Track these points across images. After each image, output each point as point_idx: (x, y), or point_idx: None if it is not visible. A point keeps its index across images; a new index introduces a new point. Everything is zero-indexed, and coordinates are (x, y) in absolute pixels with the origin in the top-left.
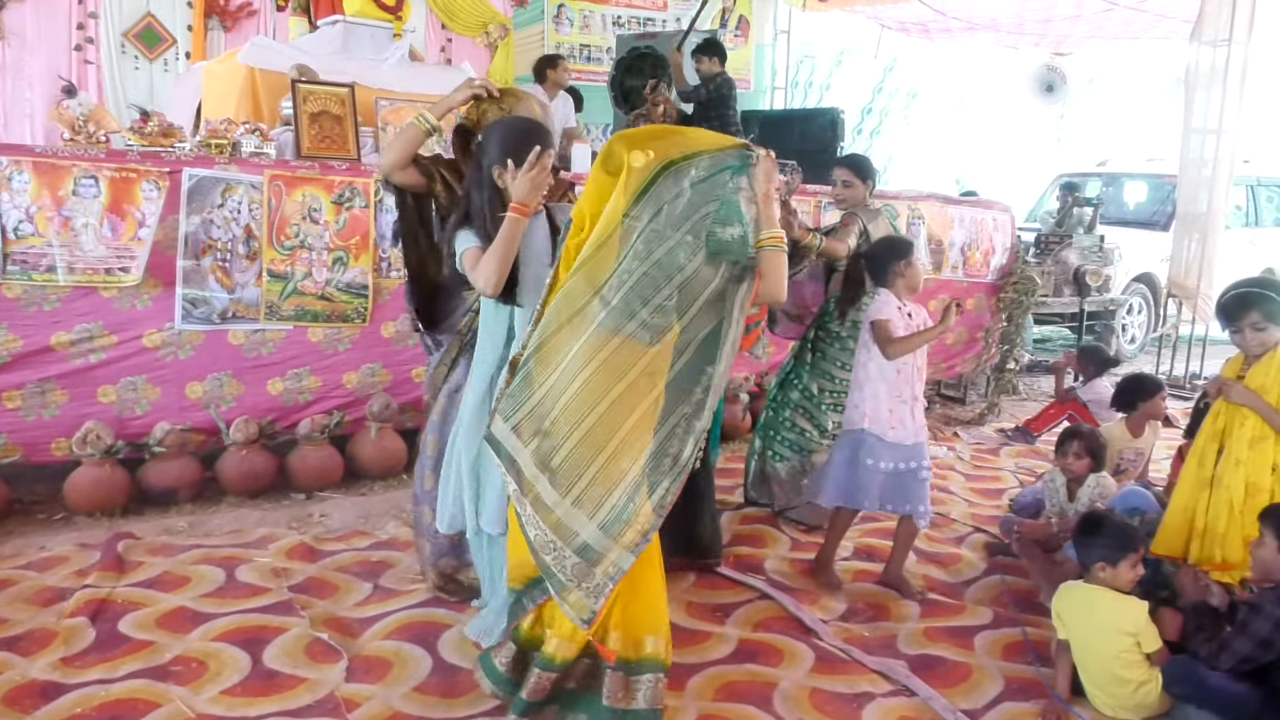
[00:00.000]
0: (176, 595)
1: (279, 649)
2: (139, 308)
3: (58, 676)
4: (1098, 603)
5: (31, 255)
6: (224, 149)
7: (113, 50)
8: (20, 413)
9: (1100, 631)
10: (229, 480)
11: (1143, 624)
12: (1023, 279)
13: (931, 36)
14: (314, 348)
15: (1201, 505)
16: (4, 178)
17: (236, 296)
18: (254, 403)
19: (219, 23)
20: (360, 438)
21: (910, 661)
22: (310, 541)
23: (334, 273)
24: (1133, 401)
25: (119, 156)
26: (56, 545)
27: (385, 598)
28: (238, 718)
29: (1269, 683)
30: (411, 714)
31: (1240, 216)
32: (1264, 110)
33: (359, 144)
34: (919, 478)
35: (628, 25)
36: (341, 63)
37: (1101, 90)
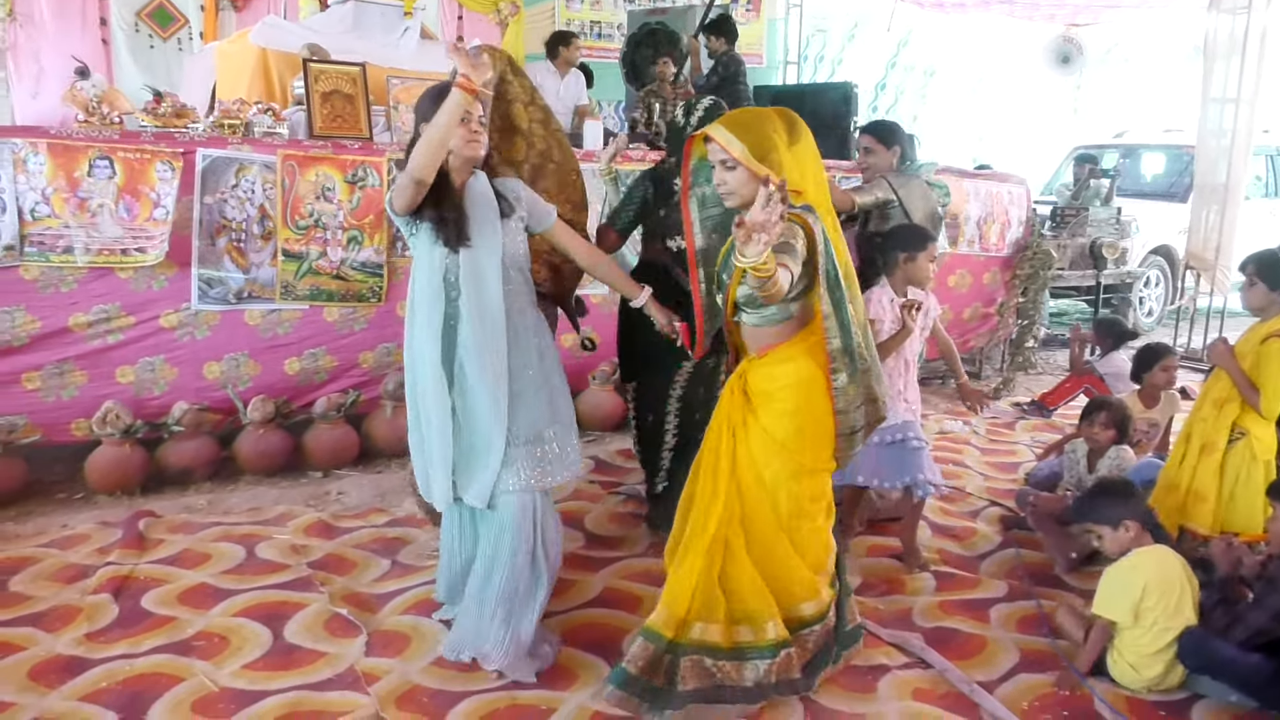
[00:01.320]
0: (197, 572)
1: (299, 624)
2: (156, 288)
3: (82, 652)
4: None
5: (49, 237)
6: (237, 129)
7: (124, 29)
8: (40, 393)
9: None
10: (246, 459)
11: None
12: (1039, 253)
13: (945, 9)
14: (329, 327)
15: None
16: (20, 160)
17: (252, 276)
18: (270, 382)
19: (230, 2)
20: (375, 416)
21: (925, 634)
22: (328, 519)
23: (348, 252)
24: (1138, 373)
25: (133, 138)
26: (78, 523)
27: (403, 573)
28: (259, 691)
29: None
30: (430, 687)
31: (1260, 187)
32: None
33: (371, 123)
34: (910, 447)
35: (638, 1)
36: (352, 41)
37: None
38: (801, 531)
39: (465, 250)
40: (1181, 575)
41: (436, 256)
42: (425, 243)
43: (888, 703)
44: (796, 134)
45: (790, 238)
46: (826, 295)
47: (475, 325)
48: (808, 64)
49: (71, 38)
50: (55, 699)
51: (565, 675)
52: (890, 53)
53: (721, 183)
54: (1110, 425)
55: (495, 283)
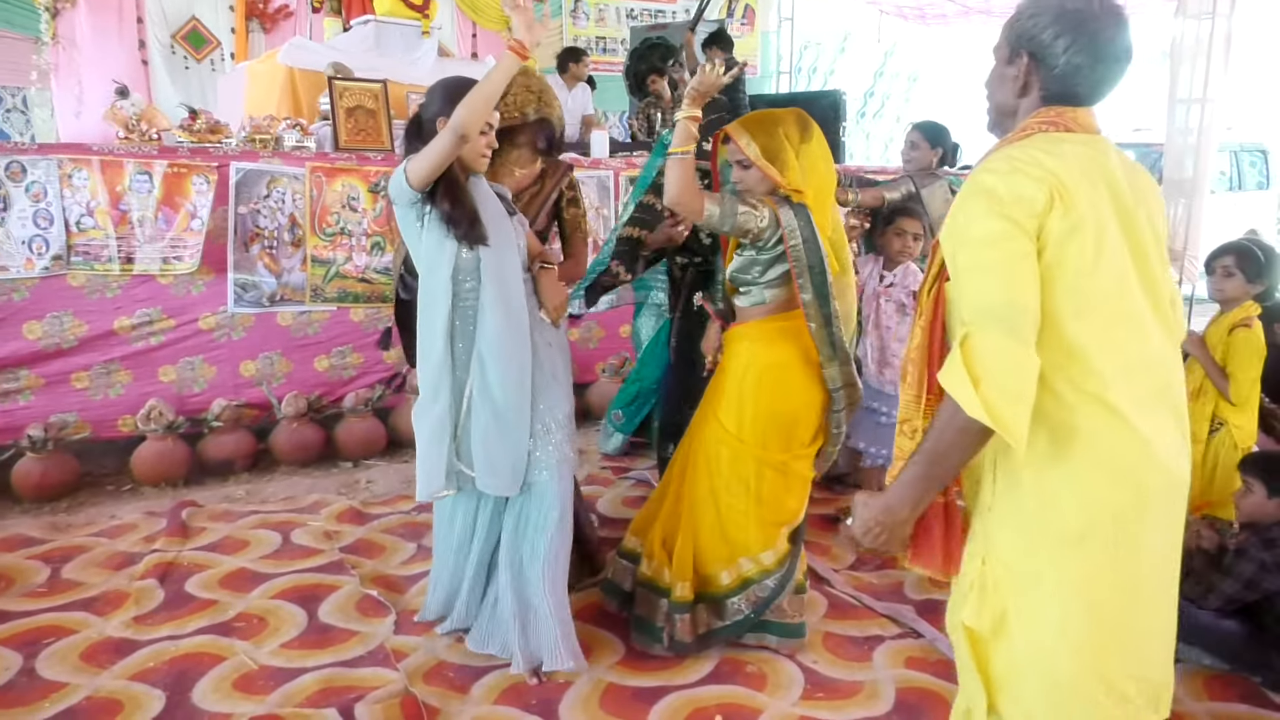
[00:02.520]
0: (237, 557)
1: (332, 605)
2: (194, 293)
3: (130, 634)
4: None
5: (93, 247)
6: (267, 143)
7: (161, 51)
8: (88, 392)
9: None
10: (281, 451)
11: None
12: None
13: (927, 22)
14: (356, 327)
15: None
16: (65, 175)
17: (284, 281)
18: (302, 379)
19: (259, 24)
20: (401, 409)
21: (916, 606)
22: (358, 506)
23: (372, 257)
24: None
25: (170, 153)
26: (125, 514)
27: (428, 556)
28: (296, 669)
29: (1253, 619)
30: (455, 663)
31: (1224, 181)
32: (1246, 79)
33: (393, 136)
34: (876, 422)
35: (640, 18)
36: (374, 60)
37: None
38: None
39: (485, 247)
40: None
41: (448, 251)
42: (435, 237)
43: (882, 670)
44: (807, 135)
45: (750, 206)
46: (808, 284)
47: (499, 318)
48: (801, 75)
49: (111, 59)
50: (106, 678)
51: (582, 650)
52: (879, 62)
53: (739, 180)
54: None
55: (518, 277)
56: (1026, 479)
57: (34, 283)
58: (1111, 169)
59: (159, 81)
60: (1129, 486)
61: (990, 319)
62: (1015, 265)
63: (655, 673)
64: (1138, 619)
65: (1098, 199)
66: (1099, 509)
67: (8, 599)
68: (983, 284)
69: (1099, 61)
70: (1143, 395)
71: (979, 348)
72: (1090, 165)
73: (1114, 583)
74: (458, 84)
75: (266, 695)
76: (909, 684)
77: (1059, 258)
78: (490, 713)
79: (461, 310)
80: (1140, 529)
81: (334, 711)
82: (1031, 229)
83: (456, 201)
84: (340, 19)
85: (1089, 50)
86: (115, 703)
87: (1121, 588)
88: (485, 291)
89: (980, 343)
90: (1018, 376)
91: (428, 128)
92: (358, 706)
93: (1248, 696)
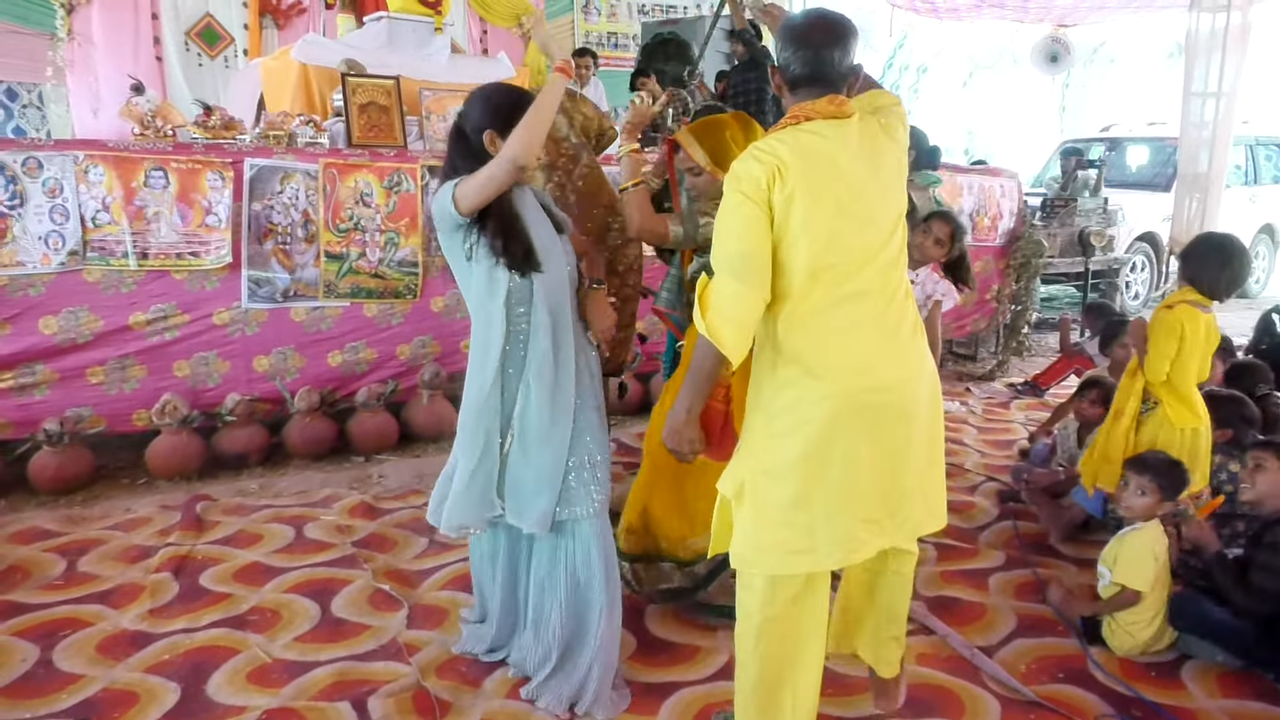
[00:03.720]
0: (251, 551)
1: (345, 599)
2: (209, 288)
3: (146, 626)
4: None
5: (109, 242)
6: (281, 140)
7: (175, 48)
8: (103, 387)
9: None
10: (294, 445)
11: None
12: (1030, 242)
13: (940, 15)
14: (369, 322)
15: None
16: (81, 171)
17: (297, 276)
18: (315, 374)
19: (272, 21)
20: (413, 404)
21: (928, 602)
22: (370, 500)
23: (386, 252)
24: (1106, 345)
25: (185, 149)
26: (140, 507)
27: (440, 551)
28: (310, 662)
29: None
30: (467, 658)
31: (1240, 175)
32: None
33: (405, 132)
34: None
35: (652, 13)
36: (387, 56)
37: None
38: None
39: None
40: (1164, 544)
41: (499, 279)
42: (485, 265)
43: None
44: (751, 134)
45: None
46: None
47: (549, 345)
48: None
49: (126, 56)
50: (122, 670)
51: None
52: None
53: (692, 187)
54: (1099, 402)
55: (570, 303)
56: (764, 388)
57: (50, 278)
58: (836, 147)
59: (173, 78)
60: (844, 384)
61: (723, 266)
62: (744, 227)
63: (668, 668)
64: (832, 492)
65: (811, 174)
66: (803, 411)
67: (24, 591)
68: (721, 241)
69: (807, 54)
70: (846, 325)
71: (714, 286)
72: (813, 147)
73: (812, 467)
74: (501, 94)
75: (280, 688)
76: (920, 680)
77: (784, 218)
78: (502, 707)
79: (512, 335)
80: (854, 414)
81: (347, 705)
82: (760, 199)
83: (512, 235)
84: (353, 15)
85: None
86: (131, 695)
87: (817, 471)
88: (536, 315)
89: (715, 283)
90: (736, 307)
91: (474, 141)
92: (371, 700)
93: (1262, 694)
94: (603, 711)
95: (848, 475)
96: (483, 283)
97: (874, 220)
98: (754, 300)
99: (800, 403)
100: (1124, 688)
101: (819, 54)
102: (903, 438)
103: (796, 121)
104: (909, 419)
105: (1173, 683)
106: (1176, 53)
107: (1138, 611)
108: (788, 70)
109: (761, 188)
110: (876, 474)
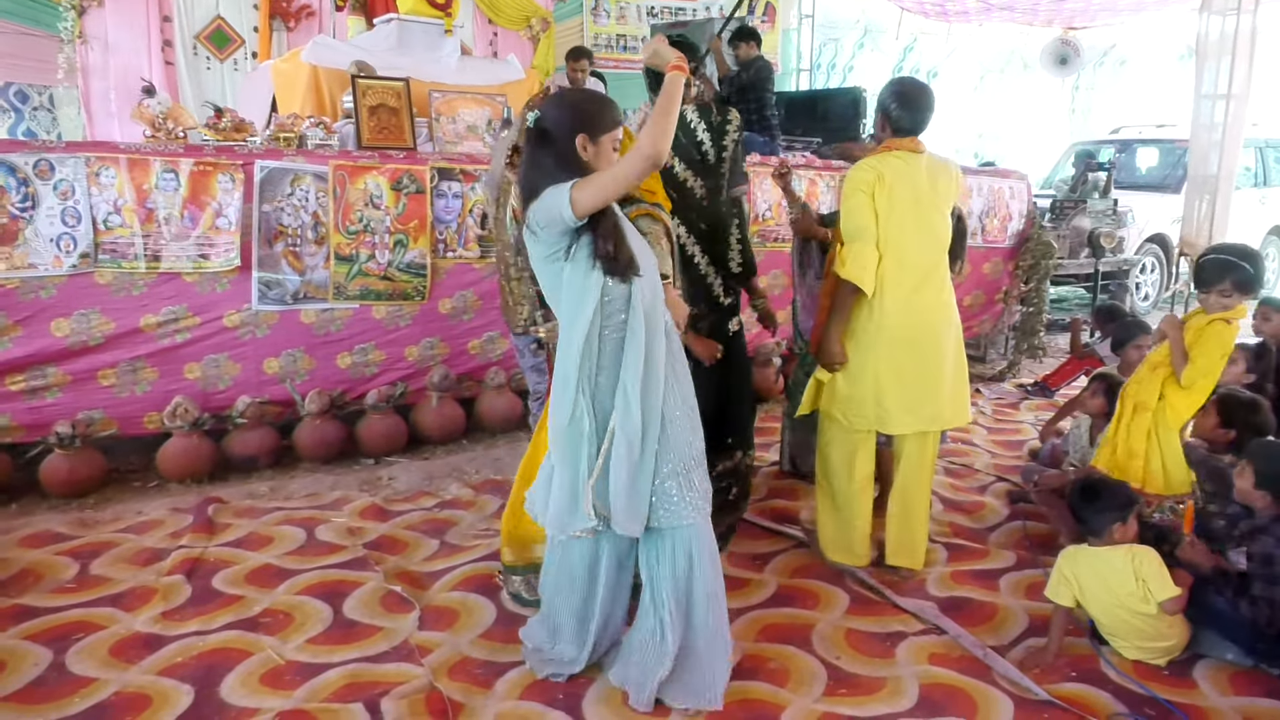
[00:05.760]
0: (262, 553)
1: (357, 601)
2: (219, 291)
3: (158, 629)
4: (1113, 557)
5: (120, 245)
6: (291, 142)
7: (185, 51)
8: (115, 389)
9: (1124, 582)
10: (304, 447)
11: (1155, 569)
12: (1040, 244)
13: (949, 18)
14: (378, 324)
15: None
16: (93, 174)
17: (307, 278)
18: (325, 376)
19: (282, 23)
20: (422, 406)
21: (939, 602)
22: (380, 502)
23: (395, 254)
24: (1119, 345)
25: (196, 151)
26: (152, 510)
27: (451, 553)
28: (322, 664)
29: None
30: (479, 658)
31: (1249, 177)
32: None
33: (415, 134)
34: None
35: (661, 15)
36: (397, 58)
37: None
38: None
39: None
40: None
41: (595, 283)
42: (582, 269)
43: (906, 667)
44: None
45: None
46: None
47: (644, 348)
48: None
49: (138, 59)
50: (135, 673)
51: None
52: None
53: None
54: (1100, 394)
55: (661, 306)
56: (867, 311)
57: (62, 280)
58: (913, 168)
59: (183, 81)
60: (905, 319)
61: (851, 235)
62: (862, 209)
63: None
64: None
65: (897, 182)
66: (887, 326)
67: (37, 595)
68: (848, 219)
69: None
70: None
71: (846, 249)
72: (896, 166)
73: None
74: (587, 99)
75: (293, 690)
76: (933, 680)
77: (881, 208)
78: (514, 708)
79: (608, 340)
80: (909, 338)
81: (360, 706)
82: (869, 193)
83: (621, 240)
84: (363, 17)
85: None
86: (144, 698)
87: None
88: (634, 319)
89: (846, 247)
90: (863, 256)
91: (563, 145)
92: (383, 701)
93: (1274, 692)
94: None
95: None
96: (577, 285)
97: (930, 217)
98: (871, 252)
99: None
100: (1137, 686)
101: (919, 115)
102: (936, 353)
103: (889, 150)
104: (940, 340)
105: (1184, 681)
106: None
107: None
108: (894, 119)
109: (870, 187)
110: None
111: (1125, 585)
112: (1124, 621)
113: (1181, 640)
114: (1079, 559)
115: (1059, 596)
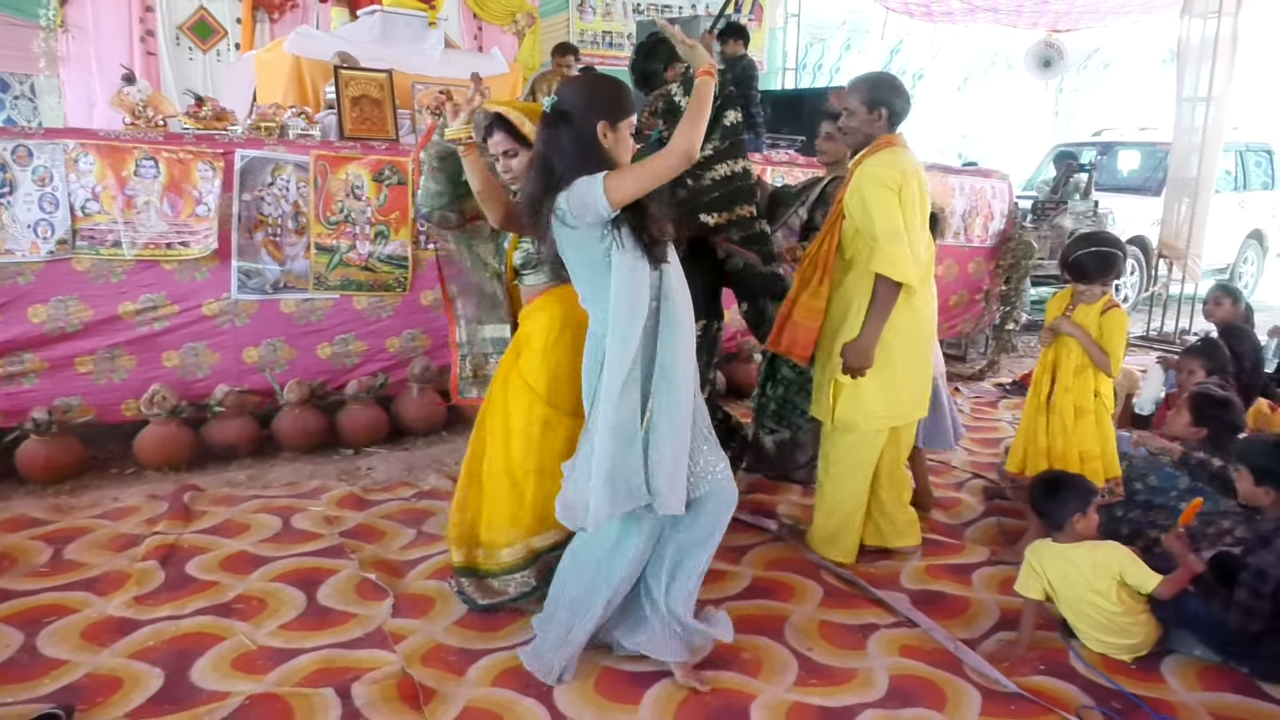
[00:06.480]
0: (238, 541)
1: (331, 588)
2: (199, 279)
3: (132, 613)
4: (1076, 555)
5: (99, 231)
6: (273, 131)
7: (167, 42)
8: (92, 376)
9: (1087, 579)
10: (284, 437)
11: (1127, 563)
12: (1020, 244)
13: (934, 19)
14: (359, 315)
15: (1040, 428)
16: (71, 160)
17: (287, 268)
18: (305, 366)
19: (265, 14)
20: (403, 397)
21: (912, 596)
22: (359, 492)
23: (376, 245)
24: None
25: (176, 139)
26: (128, 497)
27: (427, 542)
28: (295, 649)
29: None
30: (453, 645)
31: (1229, 180)
32: (1252, 79)
33: (397, 125)
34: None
35: (647, 11)
36: (380, 50)
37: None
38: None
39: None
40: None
41: (642, 273)
42: (630, 259)
43: (877, 658)
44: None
45: None
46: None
47: (677, 330)
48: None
49: (120, 48)
50: (106, 656)
51: None
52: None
53: (507, 170)
54: None
55: (686, 291)
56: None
57: (39, 266)
58: (917, 166)
59: (165, 71)
60: (918, 314)
61: (888, 235)
62: (894, 209)
63: (651, 659)
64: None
65: (913, 177)
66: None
67: (10, 578)
68: (882, 218)
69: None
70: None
71: (885, 250)
72: (911, 163)
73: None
74: (608, 85)
75: (265, 675)
76: (903, 671)
77: (906, 205)
78: (487, 695)
79: (645, 328)
80: (919, 334)
81: (331, 691)
82: (896, 192)
83: (661, 228)
84: (347, 8)
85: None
86: (115, 680)
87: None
88: (666, 305)
89: (885, 248)
90: (904, 255)
91: (584, 130)
92: (354, 686)
93: (1241, 687)
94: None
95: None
96: (626, 276)
97: (926, 209)
98: (907, 250)
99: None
100: (1105, 680)
101: (908, 104)
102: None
103: (890, 145)
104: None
105: (1152, 676)
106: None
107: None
108: (895, 111)
109: (897, 185)
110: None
111: (1086, 580)
112: (1087, 616)
113: (1148, 639)
114: (1044, 553)
115: (1029, 590)
